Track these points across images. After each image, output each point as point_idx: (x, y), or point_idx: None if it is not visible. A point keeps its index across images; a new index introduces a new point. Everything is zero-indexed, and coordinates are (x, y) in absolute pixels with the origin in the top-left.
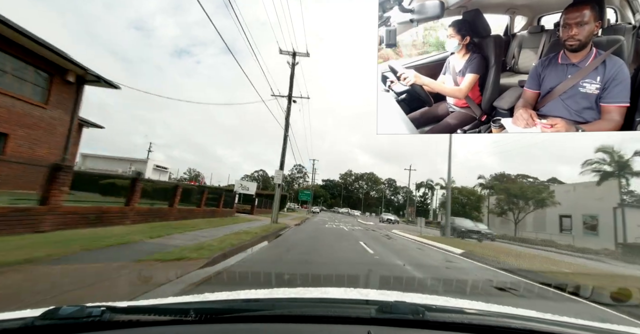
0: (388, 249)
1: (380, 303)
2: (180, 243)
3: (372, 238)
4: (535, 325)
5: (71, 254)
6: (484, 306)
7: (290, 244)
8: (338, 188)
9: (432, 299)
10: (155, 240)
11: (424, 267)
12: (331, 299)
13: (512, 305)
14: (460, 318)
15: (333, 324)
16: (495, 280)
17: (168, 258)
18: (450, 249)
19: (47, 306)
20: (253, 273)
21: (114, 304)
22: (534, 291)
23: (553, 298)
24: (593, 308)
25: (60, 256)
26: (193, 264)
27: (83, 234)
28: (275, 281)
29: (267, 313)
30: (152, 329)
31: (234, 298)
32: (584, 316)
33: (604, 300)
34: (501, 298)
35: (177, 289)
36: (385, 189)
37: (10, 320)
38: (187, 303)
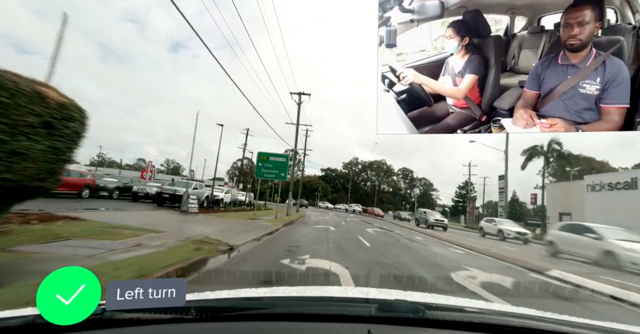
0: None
1: (380, 301)
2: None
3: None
4: (535, 323)
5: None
6: (484, 305)
7: None
8: (341, 180)
9: (432, 297)
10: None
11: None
12: (331, 298)
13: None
14: (460, 317)
15: (333, 323)
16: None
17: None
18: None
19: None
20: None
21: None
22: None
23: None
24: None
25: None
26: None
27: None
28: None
29: (268, 311)
30: (153, 328)
31: (235, 296)
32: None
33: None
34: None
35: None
36: (399, 181)
37: (11, 318)
38: (188, 301)
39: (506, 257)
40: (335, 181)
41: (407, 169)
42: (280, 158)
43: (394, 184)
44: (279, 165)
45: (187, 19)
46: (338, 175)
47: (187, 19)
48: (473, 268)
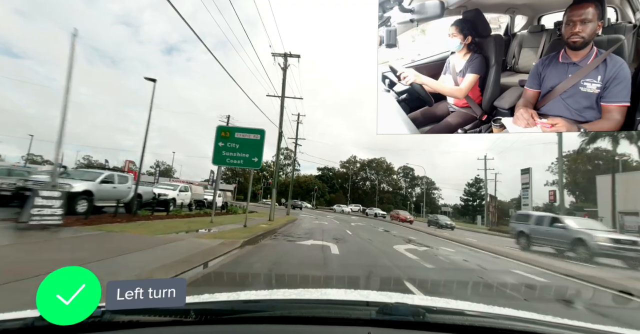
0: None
1: (380, 304)
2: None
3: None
4: (536, 327)
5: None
6: (484, 308)
7: None
8: (339, 180)
9: (433, 301)
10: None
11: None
12: (331, 301)
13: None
14: (460, 320)
15: (333, 326)
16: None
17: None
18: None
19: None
20: None
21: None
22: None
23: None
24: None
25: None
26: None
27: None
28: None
29: (267, 314)
30: (153, 330)
31: (234, 298)
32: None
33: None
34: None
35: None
36: (399, 180)
37: (10, 320)
38: (188, 303)
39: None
40: (332, 180)
41: (407, 167)
42: (252, 135)
43: (395, 183)
44: (249, 145)
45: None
46: (336, 174)
47: (183, 19)
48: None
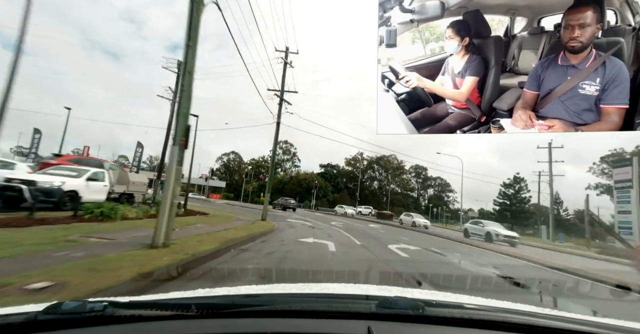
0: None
1: (380, 298)
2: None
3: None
4: (535, 320)
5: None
6: (483, 301)
7: None
8: (344, 178)
9: (432, 294)
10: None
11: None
12: (331, 295)
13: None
14: (460, 313)
15: (333, 320)
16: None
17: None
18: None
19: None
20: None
21: (116, 299)
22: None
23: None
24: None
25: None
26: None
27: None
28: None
29: (268, 308)
30: (154, 324)
31: (235, 293)
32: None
33: None
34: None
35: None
36: (410, 180)
37: (13, 315)
38: (189, 298)
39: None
40: (336, 179)
41: (420, 167)
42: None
43: (405, 184)
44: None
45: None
46: (340, 172)
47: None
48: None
